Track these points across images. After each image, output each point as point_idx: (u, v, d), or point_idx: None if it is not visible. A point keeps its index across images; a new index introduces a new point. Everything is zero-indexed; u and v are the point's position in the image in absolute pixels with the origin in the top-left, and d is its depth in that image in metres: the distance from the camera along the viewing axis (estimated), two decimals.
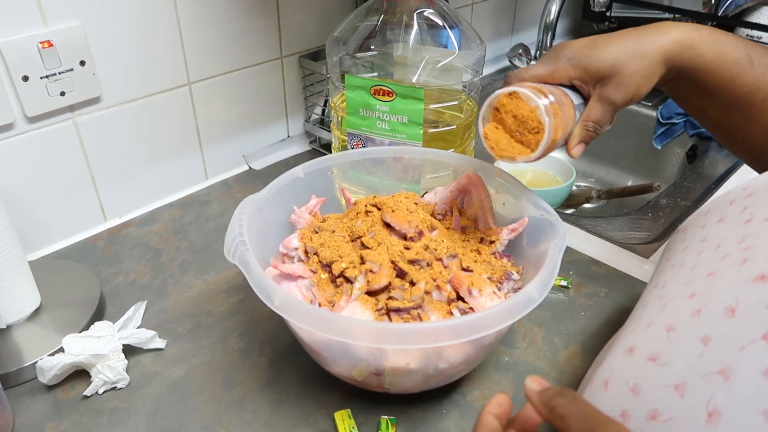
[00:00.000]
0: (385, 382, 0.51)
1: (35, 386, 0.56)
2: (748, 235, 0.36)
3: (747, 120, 0.51)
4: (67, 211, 0.74)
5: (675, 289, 0.38)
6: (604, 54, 0.50)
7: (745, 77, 0.49)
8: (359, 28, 0.73)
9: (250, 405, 0.54)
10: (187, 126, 0.82)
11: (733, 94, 0.50)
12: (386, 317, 0.49)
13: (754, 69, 0.49)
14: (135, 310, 0.61)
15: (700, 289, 0.36)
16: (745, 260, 0.34)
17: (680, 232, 0.47)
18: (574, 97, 0.53)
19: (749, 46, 0.50)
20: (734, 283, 0.34)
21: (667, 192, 0.89)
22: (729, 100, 0.51)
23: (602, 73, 0.51)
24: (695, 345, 0.33)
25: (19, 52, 0.62)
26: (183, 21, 0.75)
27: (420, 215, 0.56)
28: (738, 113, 0.51)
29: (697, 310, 0.34)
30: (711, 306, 0.34)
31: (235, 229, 0.52)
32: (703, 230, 0.42)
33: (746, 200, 0.40)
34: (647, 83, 0.51)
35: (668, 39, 0.50)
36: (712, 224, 0.41)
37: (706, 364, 0.32)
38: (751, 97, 0.49)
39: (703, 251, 0.39)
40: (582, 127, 0.53)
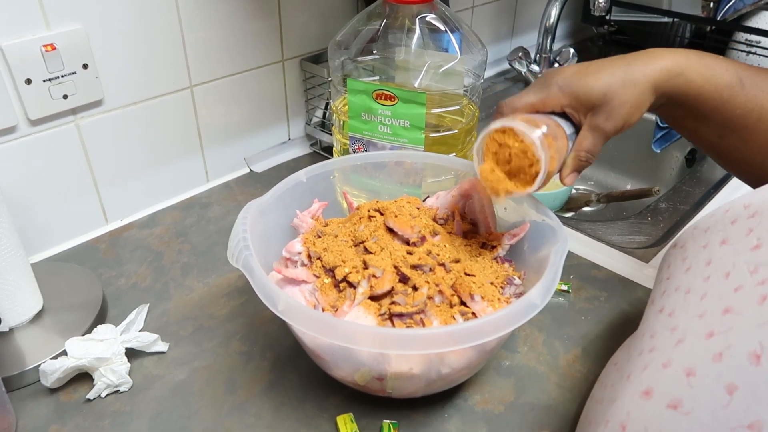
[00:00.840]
0: (387, 386, 0.51)
1: (38, 389, 0.56)
2: (760, 264, 0.35)
3: (742, 141, 0.51)
4: (69, 213, 0.74)
5: (687, 321, 0.37)
6: (595, 83, 0.51)
7: (737, 100, 0.49)
8: (361, 32, 0.73)
9: (252, 408, 0.54)
10: (189, 128, 0.82)
11: (726, 117, 0.50)
12: (389, 322, 0.50)
13: (746, 91, 0.49)
14: (137, 313, 0.61)
15: (718, 327, 0.34)
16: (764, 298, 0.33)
17: (678, 248, 0.46)
18: (566, 126, 0.53)
19: (740, 67, 0.50)
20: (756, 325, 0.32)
21: (666, 196, 0.89)
22: (722, 123, 0.51)
23: (593, 102, 0.51)
24: (720, 394, 0.31)
25: (22, 55, 0.63)
26: (185, 24, 0.75)
27: (422, 220, 0.56)
28: (732, 135, 0.51)
29: (719, 354, 0.33)
30: (733, 350, 0.32)
31: (239, 234, 0.52)
32: (706, 251, 0.41)
33: (750, 221, 0.39)
34: (637, 112, 0.51)
35: (657, 67, 0.50)
36: (716, 245, 0.40)
37: (734, 417, 0.30)
38: (744, 119, 0.49)
39: (711, 277, 0.38)
40: (575, 157, 0.53)
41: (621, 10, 1.29)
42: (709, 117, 0.51)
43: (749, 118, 0.49)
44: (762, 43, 1.17)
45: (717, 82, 0.49)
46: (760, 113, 0.49)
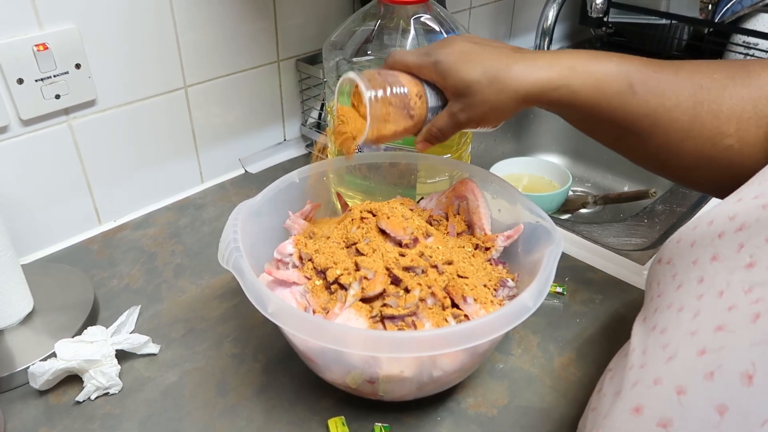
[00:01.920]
0: (379, 389, 0.50)
1: (27, 391, 0.55)
2: (755, 284, 0.34)
3: (640, 143, 0.50)
4: (61, 214, 0.73)
5: (679, 338, 0.36)
6: (466, 73, 0.50)
7: (629, 107, 0.48)
8: (356, 32, 0.73)
9: (243, 411, 0.54)
10: (183, 129, 0.82)
11: (619, 123, 0.49)
12: (381, 324, 0.49)
13: (637, 97, 0.47)
14: (128, 314, 0.60)
15: (711, 345, 0.34)
16: (757, 316, 0.32)
17: (665, 263, 0.45)
18: (432, 97, 0.54)
19: (633, 69, 0.48)
20: (748, 345, 0.32)
21: (662, 198, 0.89)
22: (617, 127, 0.49)
23: (458, 90, 0.51)
24: (710, 414, 0.31)
25: (14, 55, 0.62)
26: (179, 24, 0.75)
27: (415, 222, 0.56)
28: (629, 138, 0.50)
29: (710, 373, 0.32)
30: (725, 369, 0.32)
31: (230, 235, 0.52)
32: (696, 267, 0.40)
33: (739, 235, 0.37)
34: (496, 115, 0.51)
35: (531, 80, 0.48)
36: (706, 262, 0.39)
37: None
38: (638, 123, 0.48)
39: (704, 295, 0.37)
40: (428, 128, 0.54)
41: (619, 11, 1.28)
42: (600, 122, 0.50)
43: (643, 122, 0.48)
44: (760, 45, 1.17)
45: (605, 91, 0.48)
46: (654, 118, 0.47)
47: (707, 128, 0.46)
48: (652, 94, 0.47)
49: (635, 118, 0.48)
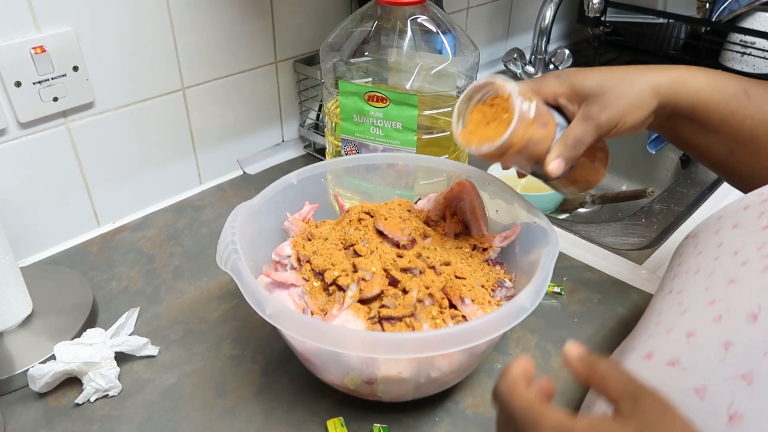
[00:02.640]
0: (377, 390, 0.51)
1: (26, 394, 0.55)
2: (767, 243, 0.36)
3: (753, 155, 0.50)
4: (59, 216, 0.73)
5: (693, 295, 0.39)
6: (592, 76, 0.50)
7: (746, 110, 0.49)
8: (353, 33, 0.73)
9: (242, 413, 0.54)
10: (181, 131, 0.82)
11: (737, 128, 0.49)
12: (379, 325, 0.49)
13: (752, 102, 0.49)
14: (128, 316, 0.60)
15: (721, 295, 0.36)
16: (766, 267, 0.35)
17: (691, 237, 0.47)
18: (558, 117, 0.52)
19: (742, 80, 0.50)
20: (756, 290, 0.34)
21: (660, 197, 0.89)
22: (733, 135, 0.50)
23: (588, 92, 0.50)
24: (716, 350, 0.33)
25: (11, 58, 0.62)
26: (177, 26, 0.75)
27: (413, 223, 0.56)
28: (743, 148, 0.50)
29: (718, 316, 0.35)
30: (732, 312, 0.34)
31: (228, 237, 0.52)
32: (718, 235, 0.42)
33: (762, 206, 0.40)
34: (635, 111, 0.49)
35: (660, 74, 0.50)
36: (727, 229, 0.41)
37: (728, 369, 0.32)
38: (754, 130, 0.49)
39: (720, 257, 0.39)
40: (561, 141, 0.50)
41: (616, 11, 1.29)
42: (718, 129, 0.50)
43: (759, 129, 0.49)
44: (757, 44, 1.17)
45: (724, 91, 0.49)
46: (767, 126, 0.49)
47: None
48: (765, 100, 0.49)
49: (752, 124, 0.49)
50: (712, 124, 0.50)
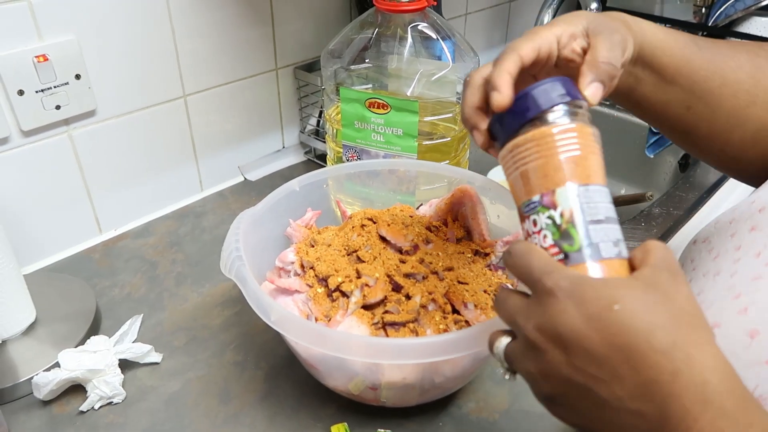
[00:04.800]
0: (381, 395, 0.51)
1: (31, 402, 0.55)
2: None
3: (710, 111, 0.49)
4: (62, 223, 0.74)
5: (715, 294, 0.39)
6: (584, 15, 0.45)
7: (698, 60, 0.47)
8: (354, 40, 0.74)
9: (246, 419, 0.54)
10: (183, 138, 0.82)
11: (692, 79, 0.48)
12: (382, 331, 0.50)
13: (702, 53, 0.48)
14: (131, 324, 0.61)
15: (746, 290, 0.37)
16: None
17: (700, 242, 0.47)
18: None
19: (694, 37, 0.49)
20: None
21: (659, 201, 0.89)
22: (689, 87, 0.48)
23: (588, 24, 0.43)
24: (741, 338, 0.34)
25: (14, 67, 0.63)
26: (178, 34, 0.75)
27: (415, 229, 0.56)
28: (700, 103, 0.49)
29: (744, 308, 0.35)
30: (759, 303, 0.35)
31: (232, 244, 0.52)
32: (734, 239, 0.42)
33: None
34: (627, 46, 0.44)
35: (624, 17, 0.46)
36: (744, 232, 0.41)
37: (753, 355, 0.33)
38: (708, 82, 0.48)
39: (741, 259, 0.39)
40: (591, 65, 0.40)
41: None
42: (675, 79, 0.48)
43: (713, 81, 0.48)
44: None
45: (677, 38, 0.47)
46: (722, 77, 0.48)
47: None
48: (714, 52, 0.48)
49: (704, 76, 0.48)
50: (669, 72, 0.48)
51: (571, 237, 0.33)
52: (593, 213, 0.34)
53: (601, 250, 0.33)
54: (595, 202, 0.34)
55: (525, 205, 0.36)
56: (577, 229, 0.33)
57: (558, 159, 0.34)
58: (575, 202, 0.34)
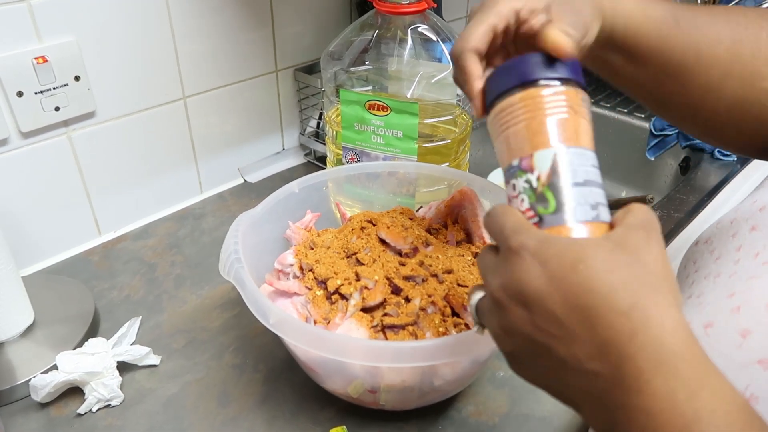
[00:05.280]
0: (380, 398, 0.51)
1: (28, 404, 0.55)
2: None
3: (681, 85, 0.48)
4: (61, 225, 0.73)
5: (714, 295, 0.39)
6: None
7: (675, 39, 0.46)
8: (354, 42, 0.74)
9: (245, 422, 0.54)
10: (182, 139, 0.82)
11: (665, 58, 0.46)
12: (381, 334, 0.49)
13: (681, 30, 0.46)
14: (129, 326, 0.60)
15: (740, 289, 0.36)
16: None
17: (703, 243, 0.46)
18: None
19: (673, 5, 0.47)
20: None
21: (660, 204, 0.89)
22: (661, 66, 0.47)
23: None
24: (734, 338, 0.34)
25: (13, 68, 0.62)
26: (178, 35, 0.75)
27: (415, 231, 0.56)
28: (671, 80, 0.48)
29: (737, 307, 0.35)
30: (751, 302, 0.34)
31: (230, 246, 0.52)
32: (735, 239, 0.41)
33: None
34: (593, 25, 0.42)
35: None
36: (745, 232, 0.41)
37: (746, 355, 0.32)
38: (683, 58, 0.46)
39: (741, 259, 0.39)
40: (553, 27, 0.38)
41: None
42: (646, 59, 0.47)
43: (688, 57, 0.46)
44: None
45: (654, 18, 0.45)
46: (697, 52, 0.46)
47: (747, 68, 0.46)
48: (694, 27, 0.46)
49: (681, 51, 0.46)
50: (640, 54, 0.47)
51: (546, 200, 0.33)
52: (571, 176, 0.33)
53: (576, 213, 0.33)
54: (575, 165, 0.34)
55: (507, 171, 0.36)
56: (553, 191, 0.33)
57: (536, 123, 0.35)
58: (552, 164, 0.34)
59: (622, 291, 0.29)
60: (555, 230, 0.33)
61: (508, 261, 0.32)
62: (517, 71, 0.36)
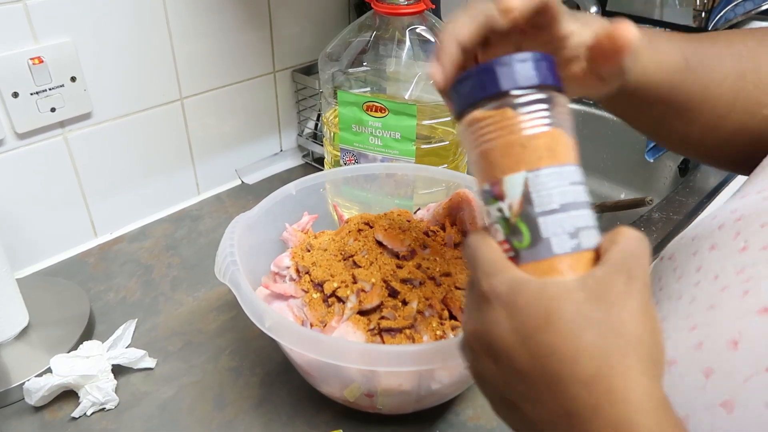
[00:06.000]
0: (377, 402, 0.50)
1: (22, 408, 0.55)
2: (746, 265, 0.35)
3: (686, 123, 0.47)
4: (57, 227, 0.73)
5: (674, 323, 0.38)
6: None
7: (683, 84, 0.45)
8: (352, 43, 0.73)
9: (241, 426, 0.54)
10: (179, 141, 0.82)
11: (671, 103, 0.46)
12: (378, 337, 0.49)
13: (691, 72, 0.45)
14: (125, 328, 0.60)
15: (701, 321, 0.35)
16: (746, 292, 0.34)
17: (667, 259, 0.45)
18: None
19: (683, 42, 0.45)
20: (736, 316, 0.33)
21: (659, 206, 0.89)
22: (666, 108, 0.46)
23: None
24: (697, 377, 0.32)
25: (9, 69, 0.62)
26: (175, 36, 0.75)
27: (413, 233, 0.56)
28: (676, 118, 0.47)
29: (699, 343, 0.34)
30: (713, 338, 0.33)
31: (226, 249, 0.52)
32: (696, 258, 0.41)
33: (737, 225, 0.39)
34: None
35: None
36: (705, 251, 0.40)
37: (709, 397, 0.31)
38: (689, 102, 0.46)
39: (701, 282, 0.38)
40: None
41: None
42: (653, 105, 0.46)
43: (695, 99, 0.46)
44: None
45: (666, 68, 0.44)
46: (704, 91, 0.45)
47: (750, 99, 0.45)
48: (702, 66, 0.45)
49: (688, 93, 0.45)
50: (648, 100, 0.45)
51: (519, 232, 0.30)
52: (545, 203, 0.29)
53: (553, 246, 0.29)
54: (550, 188, 0.29)
55: (480, 194, 0.32)
56: (526, 223, 0.29)
57: (505, 142, 0.30)
58: (523, 191, 0.30)
59: (586, 357, 0.26)
60: (531, 267, 0.29)
61: (480, 308, 0.30)
62: (484, 80, 0.31)
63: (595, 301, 0.27)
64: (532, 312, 0.27)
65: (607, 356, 0.26)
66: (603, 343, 0.26)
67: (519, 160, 0.30)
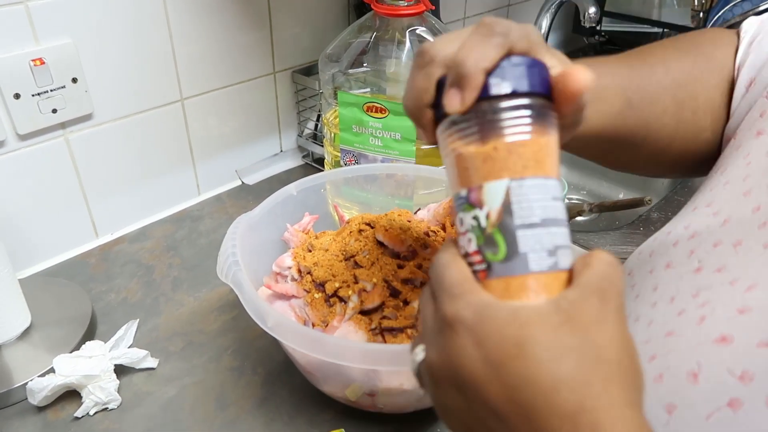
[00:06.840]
0: (378, 402, 0.51)
1: (25, 407, 0.55)
2: (701, 288, 0.34)
3: (631, 153, 0.48)
4: (58, 228, 0.73)
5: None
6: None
7: (627, 123, 0.44)
8: (352, 44, 0.74)
9: (243, 425, 0.54)
10: (180, 141, 0.82)
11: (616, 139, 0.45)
12: (380, 337, 0.49)
13: (634, 110, 0.44)
14: (127, 329, 0.60)
15: (660, 350, 0.34)
16: (702, 318, 0.33)
17: (627, 275, 0.44)
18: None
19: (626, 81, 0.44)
20: (694, 346, 0.32)
21: (658, 206, 0.89)
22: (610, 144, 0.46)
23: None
24: (659, 413, 0.31)
25: (10, 70, 0.62)
26: (175, 37, 0.75)
27: (413, 233, 0.56)
28: (621, 150, 0.47)
29: (659, 375, 0.33)
30: (672, 370, 0.32)
31: (228, 249, 0.52)
32: (652, 276, 0.40)
33: (690, 243, 0.38)
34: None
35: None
36: (661, 269, 0.39)
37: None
38: (633, 136, 0.45)
39: (657, 303, 0.37)
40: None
41: (611, 20, 1.30)
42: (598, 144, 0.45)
43: (637, 136, 0.46)
44: None
45: (610, 110, 0.43)
46: (647, 128, 0.45)
47: (690, 127, 0.46)
48: (645, 102, 0.45)
49: (632, 131, 0.46)
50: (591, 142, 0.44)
51: (495, 244, 0.28)
52: (525, 215, 0.28)
53: (530, 263, 0.27)
54: (532, 200, 0.28)
55: (455, 200, 0.30)
56: (504, 234, 0.28)
57: (488, 147, 0.28)
58: (504, 200, 0.28)
59: (567, 387, 0.24)
60: (503, 282, 0.28)
61: (443, 333, 0.27)
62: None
63: (570, 324, 0.25)
64: (503, 339, 0.25)
65: (589, 387, 0.25)
66: (583, 372, 0.25)
67: (502, 167, 0.28)
